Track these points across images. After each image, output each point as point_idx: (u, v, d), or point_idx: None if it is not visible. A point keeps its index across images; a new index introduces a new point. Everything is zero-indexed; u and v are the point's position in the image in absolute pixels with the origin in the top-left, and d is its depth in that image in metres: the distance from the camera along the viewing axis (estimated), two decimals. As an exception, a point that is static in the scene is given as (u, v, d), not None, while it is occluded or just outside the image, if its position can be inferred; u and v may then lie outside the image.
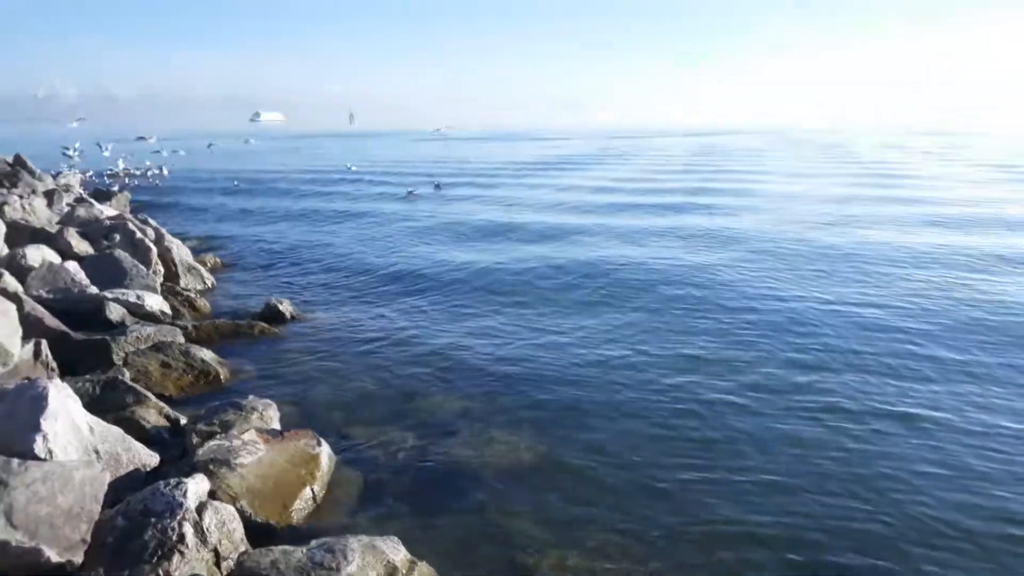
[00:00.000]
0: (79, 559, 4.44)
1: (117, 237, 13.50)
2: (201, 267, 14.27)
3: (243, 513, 5.27)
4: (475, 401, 8.16)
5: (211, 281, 13.94)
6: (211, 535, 4.74)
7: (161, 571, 4.43)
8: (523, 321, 11.44)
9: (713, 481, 6.42)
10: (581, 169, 46.51)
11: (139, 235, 13.53)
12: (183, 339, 9.54)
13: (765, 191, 30.90)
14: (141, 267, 12.02)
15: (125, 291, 10.82)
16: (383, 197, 29.81)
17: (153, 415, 6.94)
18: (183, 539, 4.58)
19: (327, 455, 6.35)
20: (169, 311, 11.04)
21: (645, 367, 9.24)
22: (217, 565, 4.70)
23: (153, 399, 7.19)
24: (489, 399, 8.23)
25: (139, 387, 7.35)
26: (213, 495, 5.23)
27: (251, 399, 7.16)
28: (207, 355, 8.86)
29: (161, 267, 13.09)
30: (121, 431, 5.92)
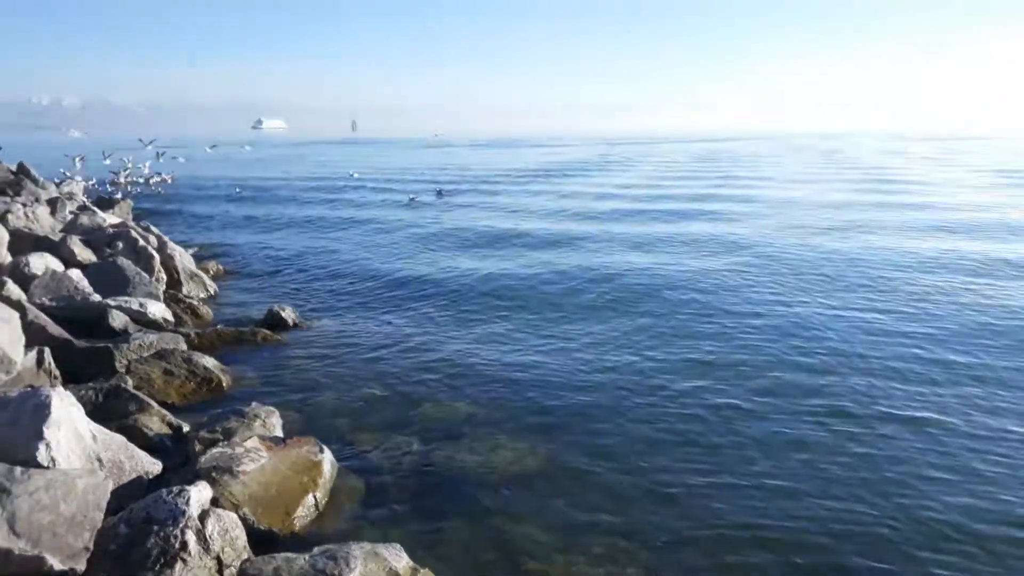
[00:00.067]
0: (82, 567, 4.43)
1: (120, 245, 13.51)
2: (204, 274, 14.29)
3: (246, 520, 5.25)
4: (478, 407, 8.14)
5: (214, 288, 13.95)
6: (214, 542, 4.73)
7: (164, 579, 4.42)
8: (528, 327, 11.43)
9: (720, 486, 6.40)
10: (583, 176, 46.52)
11: (142, 243, 13.55)
12: (186, 346, 9.54)
13: (767, 197, 30.89)
14: (144, 275, 12.03)
15: (128, 299, 10.84)
16: (385, 204, 29.86)
17: (156, 423, 6.94)
18: (186, 547, 4.58)
19: (329, 462, 6.34)
20: (172, 318, 11.04)
21: (651, 372, 9.22)
22: (220, 572, 4.69)
23: (156, 407, 7.19)
24: (492, 405, 8.21)
25: (142, 395, 7.36)
26: (216, 502, 5.22)
27: (253, 406, 7.15)
28: (210, 362, 8.86)
29: (164, 274, 13.10)
30: (124, 439, 5.92)
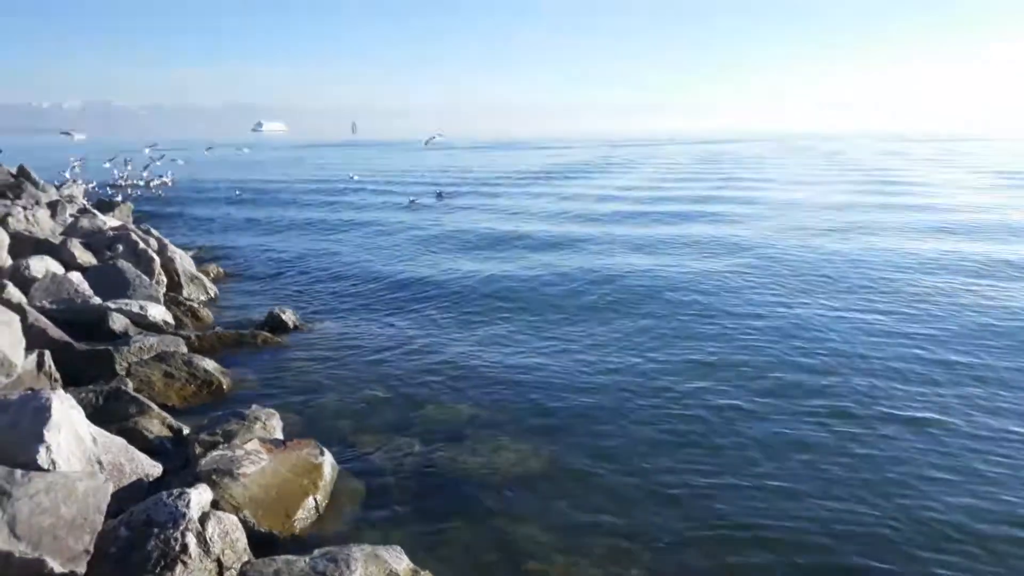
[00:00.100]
0: (82, 570, 4.42)
1: (120, 248, 13.51)
2: (204, 277, 14.28)
3: (246, 523, 5.25)
4: (480, 409, 8.13)
5: (214, 291, 13.95)
6: (214, 545, 4.72)
7: (164, 582, 4.41)
8: (529, 329, 11.42)
9: (722, 487, 6.39)
10: (585, 178, 46.51)
11: (142, 245, 13.55)
12: (186, 349, 9.53)
13: (769, 198, 30.89)
14: (144, 277, 12.03)
15: (128, 301, 10.83)
16: (386, 206, 29.84)
17: (156, 425, 6.93)
18: (186, 549, 4.57)
19: (330, 464, 6.33)
20: (172, 321, 11.04)
21: (653, 374, 9.22)
22: (220, 575, 4.68)
23: (156, 409, 7.18)
24: (494, 406, 8.21)
25: (142, 397, 7.35)
26: (216, 505, 5.21)
27: (254, 408, 7.14)
28: (210, 365, 8.86)
29: (164, 277, 13.09)
30: (124, 441, 5.91)
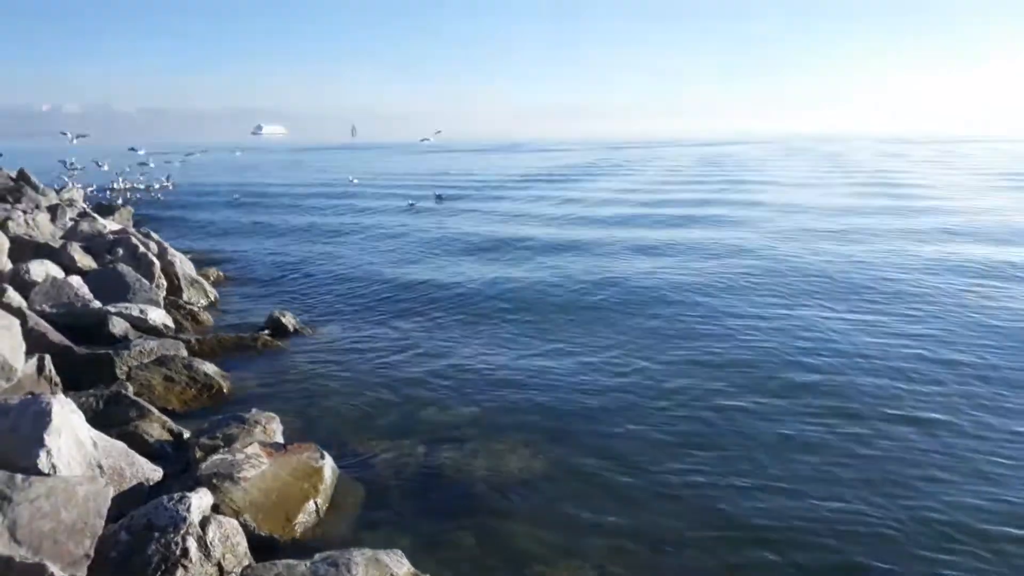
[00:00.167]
0: (82, 574, 4.41)
1: (120, 251, 13.51)
2: (204, 281, 14.26)
3: (246, 527, 5.24)
4: (481, 412, 8.12)
5: (214, 295, 13.93)
6: (215, 549, 4.71)
7: (164, 586, 4.40)
8: (532, 331, 11.40)
9: (727, 488, 6.39)
10: (587, 180, 46.51)
11: (142, 249, 13.54)
12: (186, 353, 9.52)
13: (771, 201, 30.89)
14: (144, 281, 12.03)
15: (128, 305, 10.83)
16: (385, 210, 29.82)
17: (156, 429, 6.92)
18: (187, 553, 4.56)
19: (330, 468, 6.32)
20: (172, 325, 11.03)
21: (656, 376, 9.21)
22: (221, 579, 4.67)
23: (156, 413, 7.17)
24: (495, 409, 8.19)
25: (142, 401, 7.34)
26: (216, 509, 5.20)
27: (254, 412, 7.14)
28: (210, 369, 8.85)
29: (164, 281, 13.08)
30: (124, 445, 5.91)
